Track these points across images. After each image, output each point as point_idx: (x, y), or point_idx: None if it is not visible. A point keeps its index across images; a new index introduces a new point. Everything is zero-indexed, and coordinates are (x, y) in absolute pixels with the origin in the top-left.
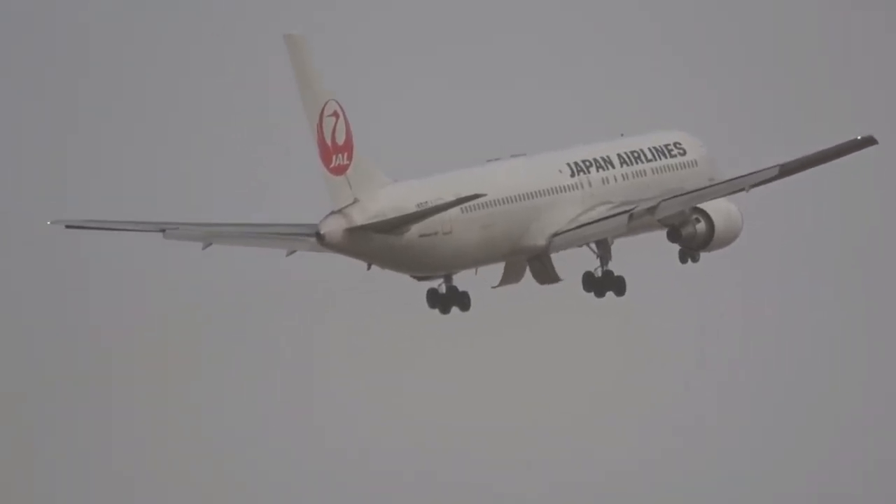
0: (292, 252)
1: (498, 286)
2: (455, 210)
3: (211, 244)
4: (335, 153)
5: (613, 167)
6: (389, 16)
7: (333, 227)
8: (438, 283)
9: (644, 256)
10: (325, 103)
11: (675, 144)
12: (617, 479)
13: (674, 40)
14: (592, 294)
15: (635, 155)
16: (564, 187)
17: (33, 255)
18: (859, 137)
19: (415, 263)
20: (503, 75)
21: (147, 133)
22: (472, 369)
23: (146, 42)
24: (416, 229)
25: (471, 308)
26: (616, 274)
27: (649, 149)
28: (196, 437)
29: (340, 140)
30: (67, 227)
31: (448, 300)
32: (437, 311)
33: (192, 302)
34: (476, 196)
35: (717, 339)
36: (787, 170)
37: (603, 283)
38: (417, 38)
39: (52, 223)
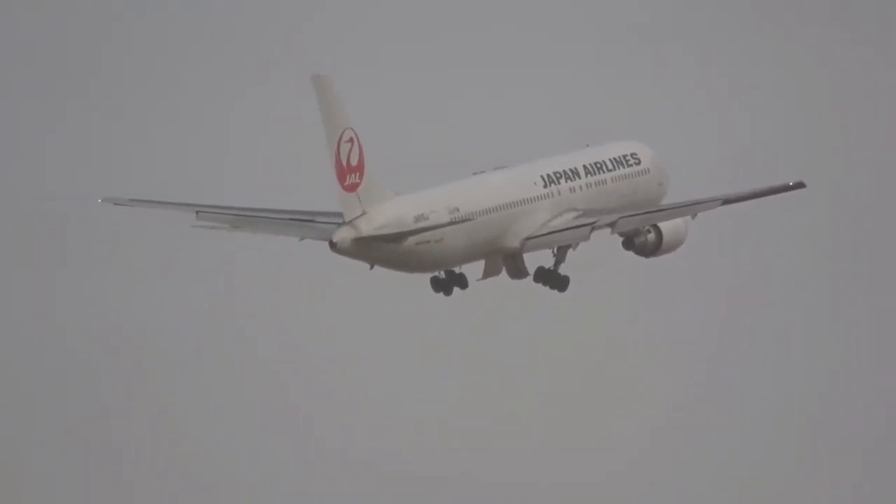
0: (304, 238)
1: (482, 279)
2: (447, 220)
3: (237, 227)
4: (349, 173)
5: (580, 178)
6: (394, 54)
7: (343, 237)
8: (438, 272)
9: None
10: (343, 131)
11: (632, 155)
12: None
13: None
14: (541, 284)
15: (598, 166)
16: (538, 197)
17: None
18: (791, 183)
19: (411, 265)
20: (489, 94)
21: (195, 132)
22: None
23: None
24: (412, 239)
25: (468, 286)
26: (563, 274)
27: (610, 160)
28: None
29: (354, 162)
30: (115, 204)
31: (448, 283)
32: (441, 294)
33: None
34: (465, 220)
35: (650, 338)
36: (728, 201)
37: (550, 278)
38: (413, 70)
39: (102, 201)
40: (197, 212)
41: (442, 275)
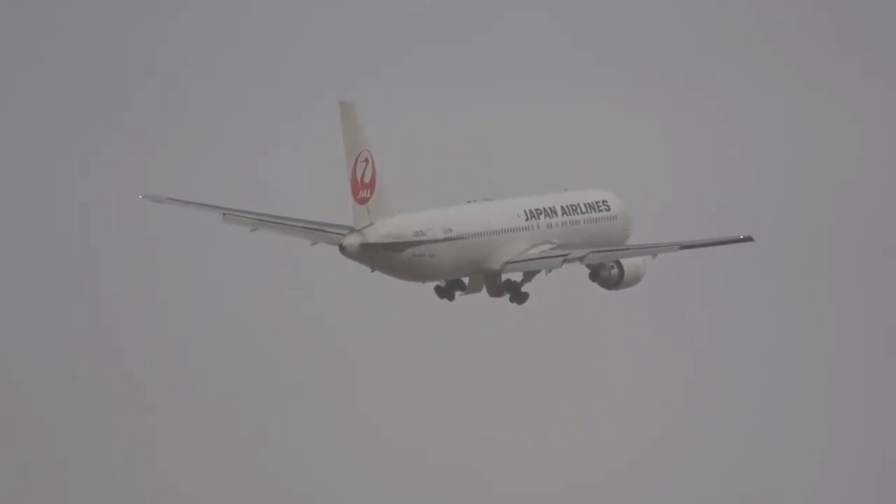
0: (316, 242)
1: (464, 294)
2: (441, 239)
3: (257, 229)
4: (362, 189)
5: (557, 216)
6: (413, 87)
7: (352, 242)
8: (440, 281)
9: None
10: (360, 152)
11: (603, 202)
12: None
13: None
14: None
15: (573, 208)
16: (519, 228)
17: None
18: (741, 236)
19: (407, 273)
20: (486, 130)
21: (225, 141)
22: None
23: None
24: (410, 250)
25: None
26: (524, 291)
27: (584, 204)
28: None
29: (367, 179)
30: (155, 201)
31: (450, 289)
32: (445, 300)
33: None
34: (458, 238)
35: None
36: (684, 247)
37: (514, 291)
38: (428, 106)
39: (143, 197)
40: (224, 214)
41: (443, 283)
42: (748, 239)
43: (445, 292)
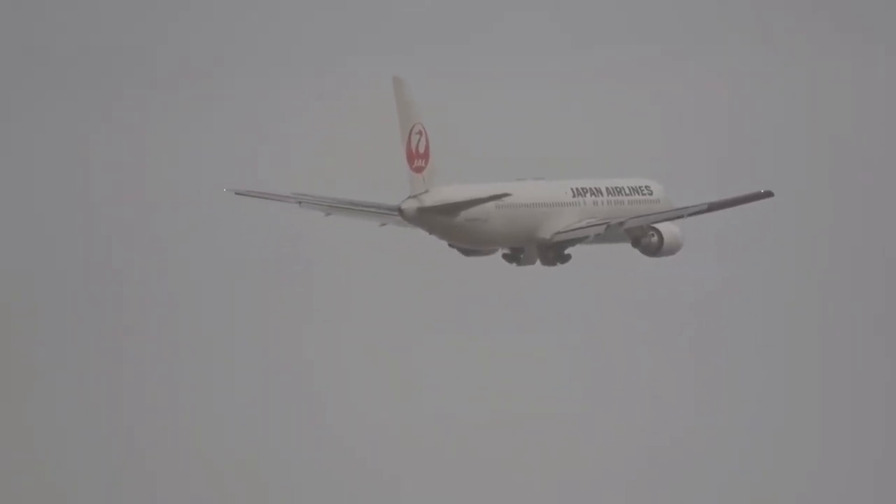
0: (384, 224)
1: (521, 265)
2: (493, 206)
3: (331, 213)
4: (417, 158)
5: (602, 195)
6: (467, 68)
7: (410, 206)
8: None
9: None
10: (414, 125)
11: (646, 187)
12: None
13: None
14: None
15: (618, 189)
16: (567, 203)
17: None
18: (762, 191)
19: (462, 238)
20: (541, 118)
21: (300, 133)
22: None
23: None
24: (464, 215)
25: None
26: (567, 252)
27: (628, 187)
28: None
29: (422, 150)
30: (236, 193)
31: (516, 254)
32: (513, 264)
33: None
34: (505, 195)
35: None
36: (713, 207)
37: (558, 251)
38: (481, 85)
39: (226, 190)
40: (299, 202)
41: (507, 250)
42: (768, 194)
43: (513, 258)
